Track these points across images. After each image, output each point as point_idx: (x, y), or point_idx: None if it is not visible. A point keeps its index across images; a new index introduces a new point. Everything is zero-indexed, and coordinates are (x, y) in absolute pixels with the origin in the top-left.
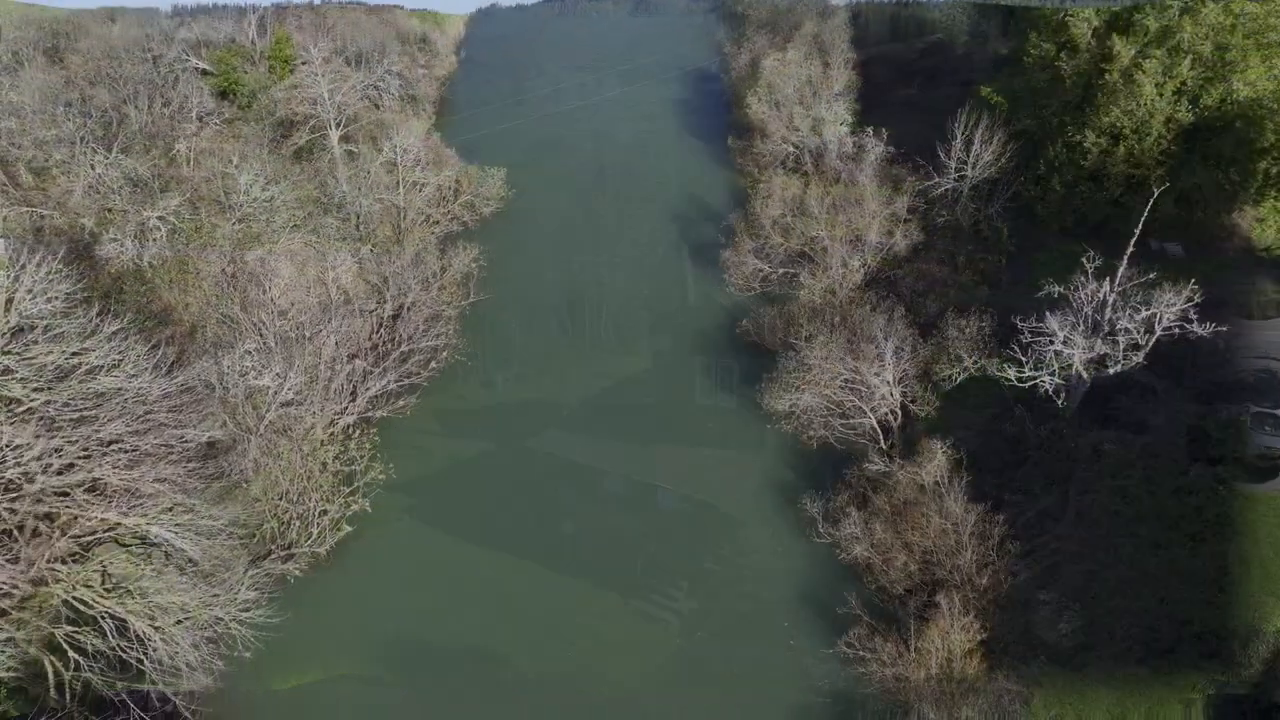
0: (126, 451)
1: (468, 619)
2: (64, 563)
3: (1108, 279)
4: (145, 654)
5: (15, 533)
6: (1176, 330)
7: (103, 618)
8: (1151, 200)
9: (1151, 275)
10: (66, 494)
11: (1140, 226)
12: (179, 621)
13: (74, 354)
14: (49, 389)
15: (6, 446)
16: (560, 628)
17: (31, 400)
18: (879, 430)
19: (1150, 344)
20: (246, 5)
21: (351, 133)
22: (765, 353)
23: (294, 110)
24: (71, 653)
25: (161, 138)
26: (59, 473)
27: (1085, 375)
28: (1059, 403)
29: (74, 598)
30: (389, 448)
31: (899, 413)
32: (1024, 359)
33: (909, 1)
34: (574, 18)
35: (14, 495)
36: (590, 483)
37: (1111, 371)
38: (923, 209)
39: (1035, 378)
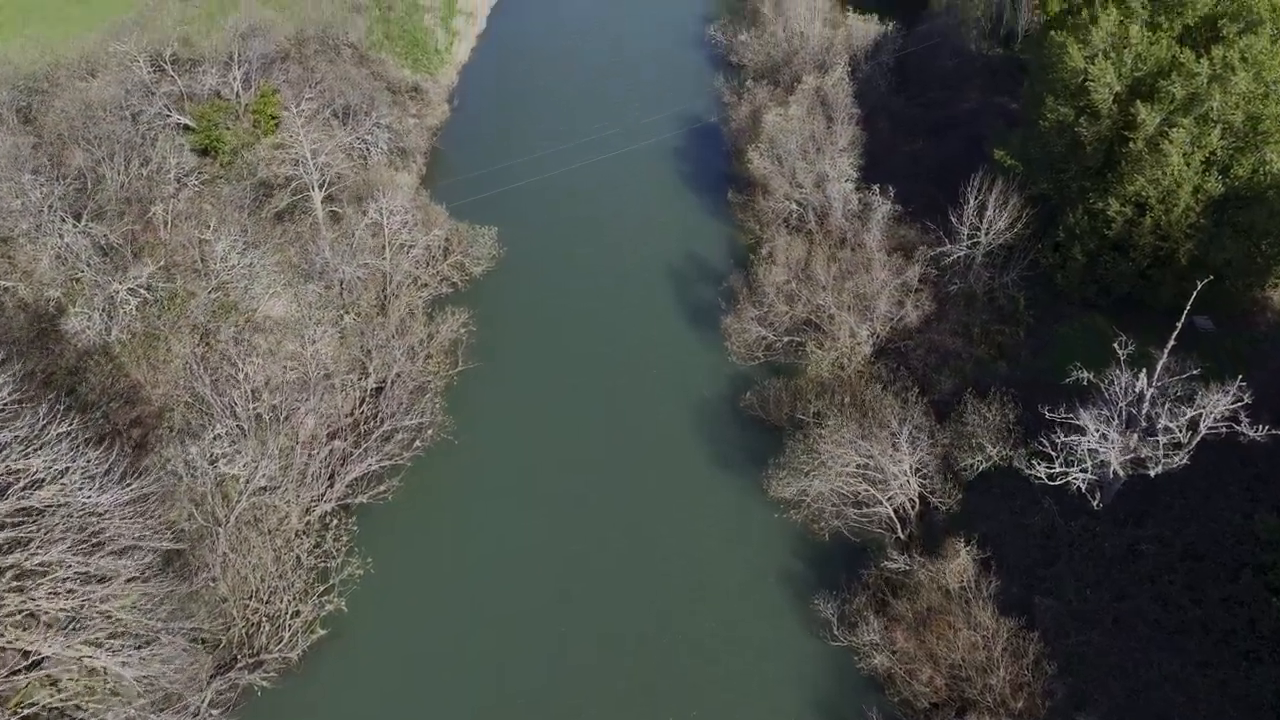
0: (67, 579)
1: None
2: None
3: (1144, 372)
4: None
5: None
6: (1224, 430)
7: None
8: (1195, 294)
9: (1196, 371)
10: None
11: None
12: None
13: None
14: None
15: None
16: None
17: None
18: (895, 520)
19: (1194, 443)
20: (232, 58)
21: (336, 192)
22: (771, 428)
23: (275, 172)
24: None
25: (138, 200)
26: None
27: (1121, 474)
28: (1093, 503)
29: None
30: (368, 538)
31: (916, 501)
32: (1053, 453)
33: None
34: (570, 63)
35: None
36: (583, 579)
37: (1153, 474)
38: (934, 276)
39: (1066, 475)
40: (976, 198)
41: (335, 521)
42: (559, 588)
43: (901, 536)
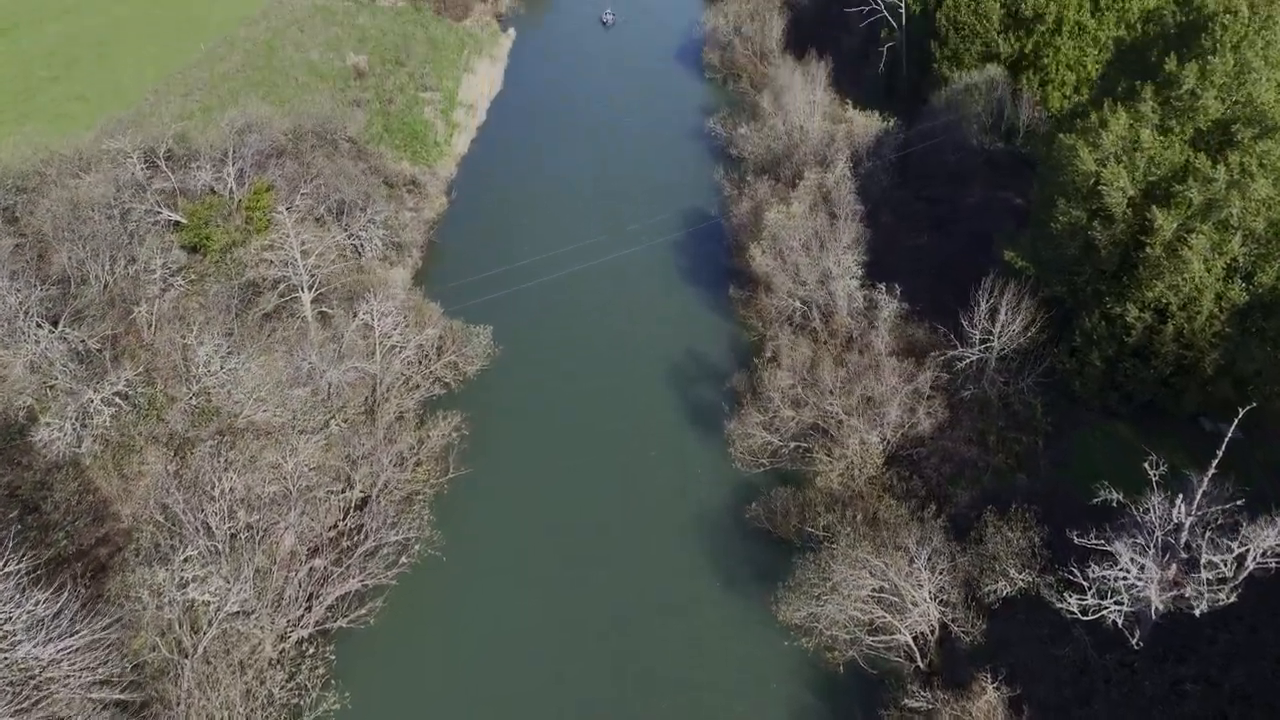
0: None
1: None
2: None
3: (1181, 499)
4: None
5: None
6: (1274, 565)
7: None
8: (1236, 422)
9: (1239, 502)
10: None
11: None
12: None
13: None
14: None
15: None
16: None
17: None
18: (914, 648)
19: (1242, 578)
20: (227, 154)
21: (327, 293)
22: (778, 541)
23: (264, 274)
24: None
25: (123, 300)
26: None
27: (1162, 607)
28: (1132, 642)
29: None
30: (346, 667)
31: (936, 628)
32: (1085, 582)
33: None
34: (571, 155)
35: None
36: (578, 714)
37: (1198, 613)
38: (945, 380)
39: (1100, 608)
40: (988, 300)
41: (312, 649)
42: None
43: (921, 666)
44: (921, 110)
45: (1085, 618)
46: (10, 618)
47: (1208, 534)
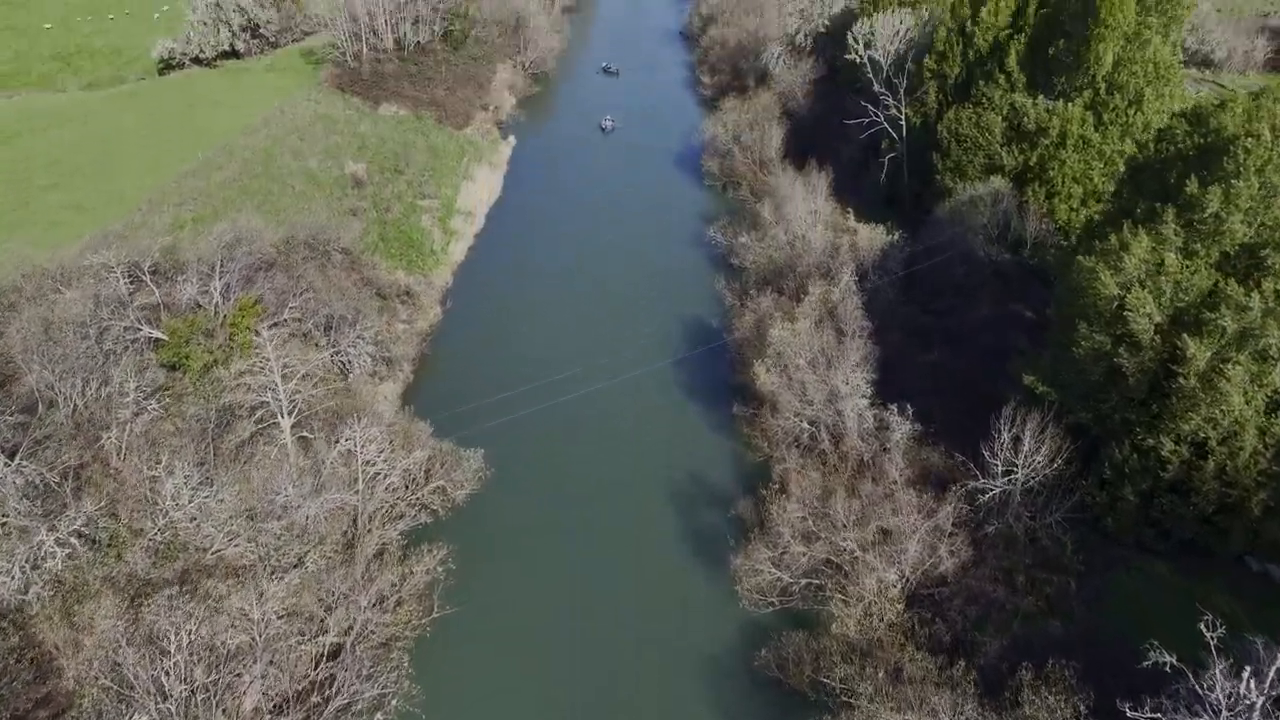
0: None
1: None
2: None
3: (1250, 675)
4: None
5: None
6: None
7: None
8: None
9: None
10: None
11: None
12: None
13: None
14: None
15: None
16: None
17: None
18: None
19: None
20: (214, 269)
21: (309, 417)
22: (790, 694)
23: (242, 399)
24: None
25: (92, 424)
26: None
27: None
28: None
29: None
30: None
31: None
32: None
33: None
34: (569, 263)
35: None
36: None
37: None
38: (966, 511)
39: None
40: (1010, 429)
41: None
42: None
43: None
44: (925, 221)
45: None
46: None
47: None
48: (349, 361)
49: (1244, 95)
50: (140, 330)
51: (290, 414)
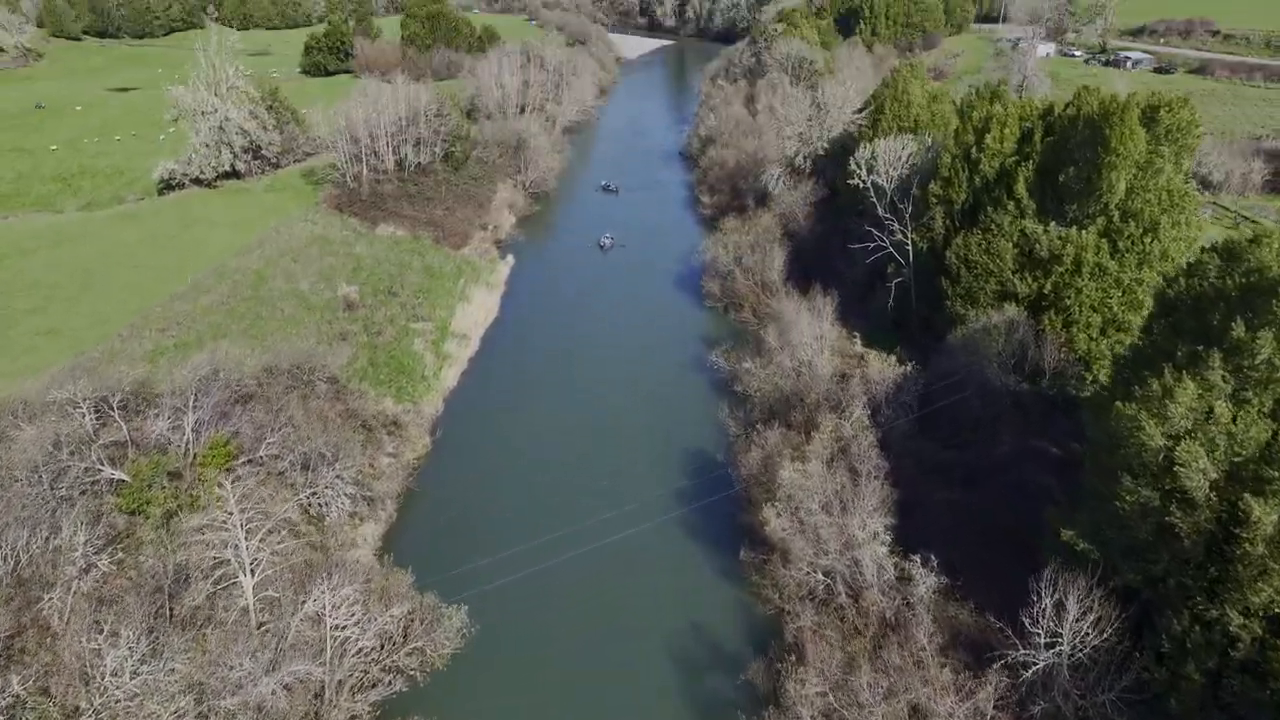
0: None
1: None
2: None
3: None
4: None
5: None
6: None
7: None
8: None
9: None
10: None
11: None
12: None
13: None
14: None
15: None
16: None
17: None
18: None
19: None
20: (187, 403)
21: (276, 575)
22: None
23: (201, 556)
24: None
25: (35, 582)
26: None
27: None
28: None
29: None
30: None
31: None
32: None
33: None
34: (561, 384)
35: None
36: None
37: None
38: (1006, 687)
39: None
40: (1051, 593)
41: None
42: None
43: None
44: (937, 347)
45: None
46: None
47: None
48: (326, 504)
49: (1276, 229)
50: (101, 471)
51: (254, 572)
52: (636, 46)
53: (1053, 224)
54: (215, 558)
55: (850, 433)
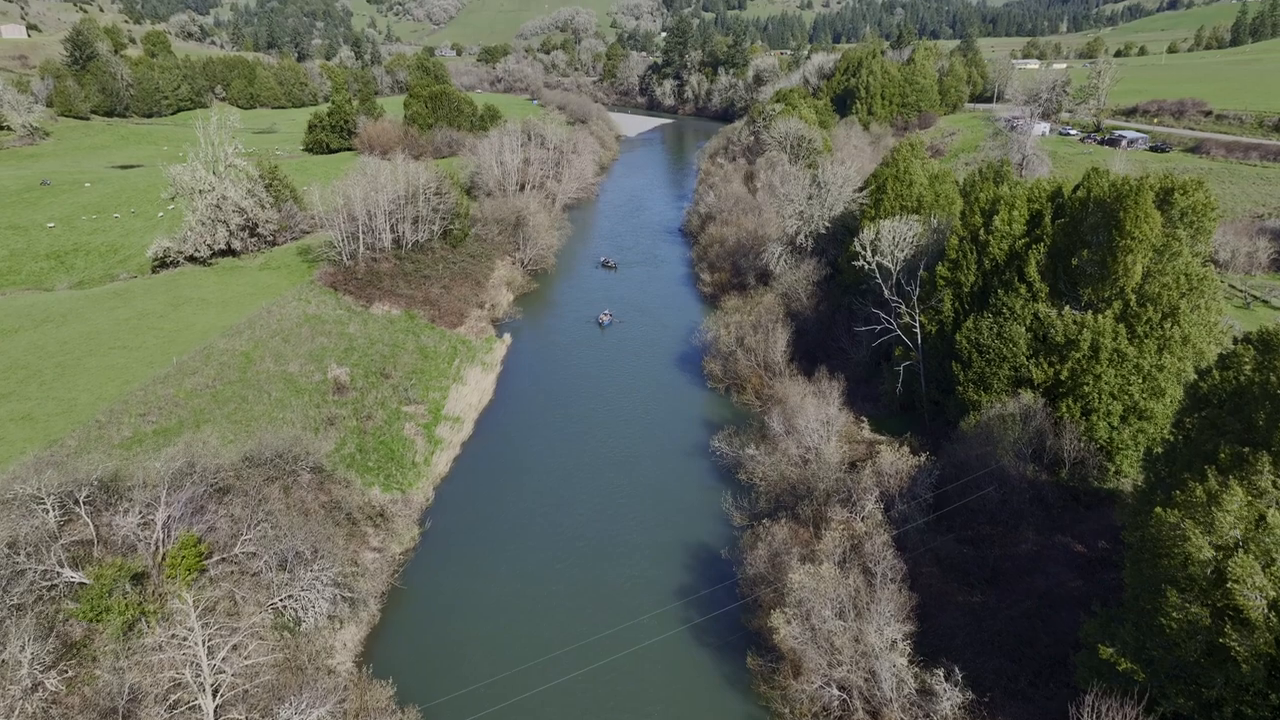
0: None
1: None
2: None
3: None
4: None
5: None
6: None
7: None
8: None
9: None
10: None
11: None
12: None
13: None
14: None
15: None
16: None
17: None
18: None
19: None
20: (158, 499)
21: (239, 695)
22: None
23: (157, 677)
24: None
25: None
26: None
27: None
28: None
29: None
30: None
31: None
32: None
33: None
34: (558, 470)
35: None
36: None
37: None
38: None
39: None
40: None
41: None
42: None
43: None
44: (950, 435)
45: None
46: None
47: None
48: (304, 607)
49: None
50: (60, 574)
51: (217, 693)
52: (636, 125)
53: (1067, 308)
54: (174, 677)
55: (863, 529)
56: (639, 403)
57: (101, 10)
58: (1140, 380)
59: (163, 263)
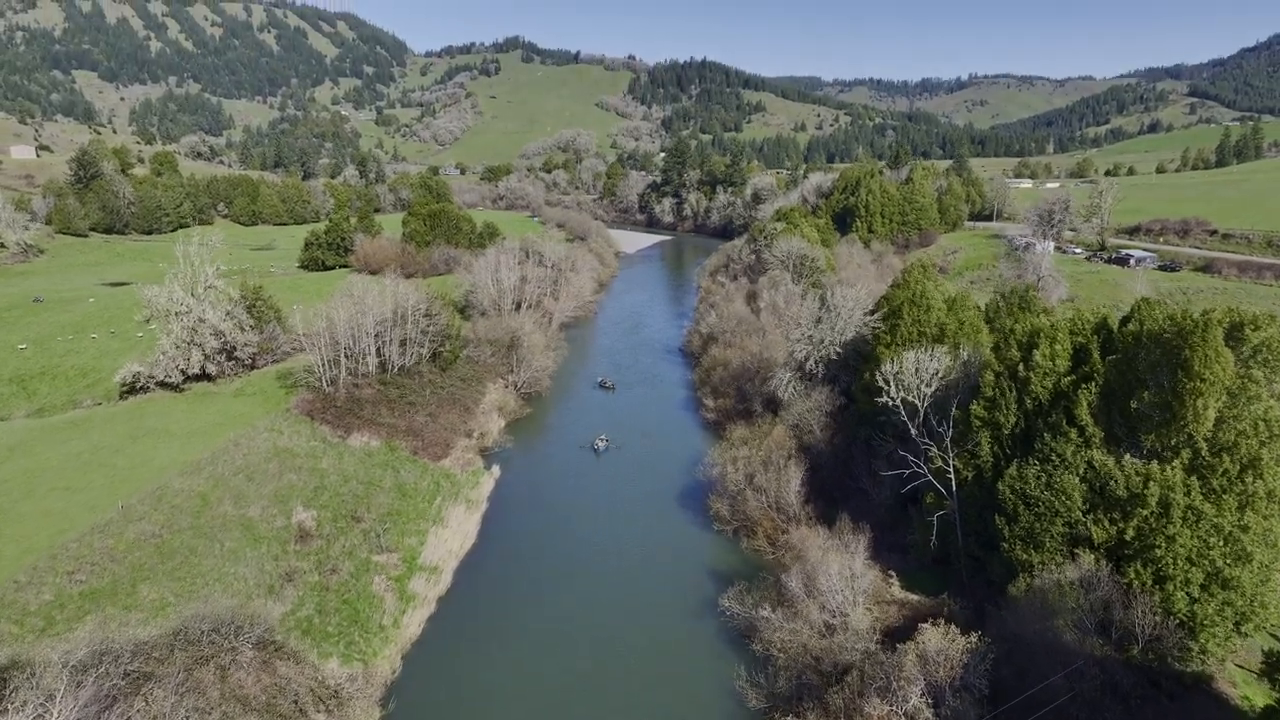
0: None
1: None
2: None
3: None
4: None
5: None
6: None
7: None
8: None
9: None
10: None
11: None
12: None
13: None
14: None
15: None
16: None
17: None
18: None
19: None
20: (53, 696)
21: None
22: None
23: None
24: None
25: None
26: None
27: None
28: None
29: None
30: None
31: None
32: None
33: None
34: (543, 634)
35: None
36: None
37: None
38: None
39: None
40: None
41: None
42: None
43: None
44: (995, 598)
45: None
46: None
47: None
48: None
49: None
50: None
51: None
52: (636, 241)
53: (1127, 456)
54: None
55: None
56: (638, 548)
57: (115, 132)
58: (1221, 543)
59: (132, 388)
